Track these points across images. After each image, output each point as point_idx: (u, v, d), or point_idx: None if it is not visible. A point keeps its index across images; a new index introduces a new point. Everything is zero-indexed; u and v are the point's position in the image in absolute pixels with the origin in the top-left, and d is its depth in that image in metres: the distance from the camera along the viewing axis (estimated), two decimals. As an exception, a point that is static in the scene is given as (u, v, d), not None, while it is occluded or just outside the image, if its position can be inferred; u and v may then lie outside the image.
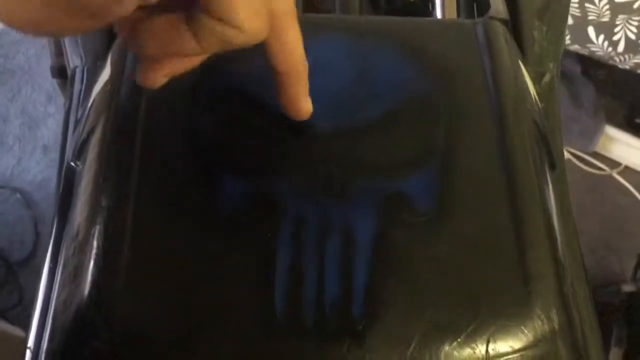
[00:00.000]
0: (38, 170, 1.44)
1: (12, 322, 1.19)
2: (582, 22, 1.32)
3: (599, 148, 1.50)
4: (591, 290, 0.52)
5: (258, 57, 0.42)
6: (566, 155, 1.51)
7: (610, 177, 1.48)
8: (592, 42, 1.34)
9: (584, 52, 1.38)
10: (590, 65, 1.49)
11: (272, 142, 0.39)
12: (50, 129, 1.48)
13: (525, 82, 0.45)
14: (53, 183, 1.44)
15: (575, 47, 1.39)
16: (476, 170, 0.39)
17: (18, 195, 1.41)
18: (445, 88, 0.41)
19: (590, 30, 1.32)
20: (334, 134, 0.39)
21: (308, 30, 0.44)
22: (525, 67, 0.47)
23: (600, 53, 1.35)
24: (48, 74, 1.53)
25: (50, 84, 1.53)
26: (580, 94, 1.49)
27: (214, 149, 0.38)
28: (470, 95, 0.41)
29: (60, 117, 1.49)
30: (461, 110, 0.41)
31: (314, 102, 0.40)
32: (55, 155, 1.44)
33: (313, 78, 0.41)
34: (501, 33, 0.44)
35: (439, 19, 0.53)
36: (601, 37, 1.31)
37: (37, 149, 1.46)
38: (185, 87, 0.40)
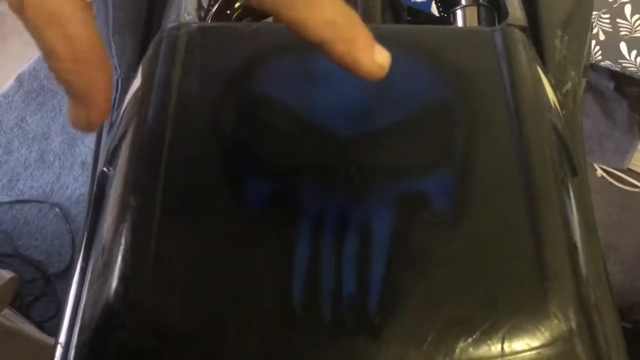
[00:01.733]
0: (76, 186, 1.48)
1: (49, 334, 1.22)
2: (614, 37, 1.31)
3: (633, 165, 1.47)
4: (617, 310, 0.51)
5: (285, 65, 0.44)
6: (600, 172, 1.49)
7: (646, 194, 1.46)
8: (624, 58, 1.33)
9: (617, 68, 1.37)
10: (624, 81, 1.47)
11: (294, 145, 0.40)
12: (88, 146, 1.53)
13: (544, 88, 0.45)
14: (90, 198, 1.47)
15: (607, 63, 1.38)
16: (494, 172, 0.39)
17: (57, 209, 1.45)
18: (464, 94, 0.42)
19: (622, 46, 1.31)
20: (354, 137, 0.40)
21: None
22: (545, 74, 0.48)
23: (633, 69, 1.33)
24: (87, 93, 1.59)
25: (89, 103, 1.59)
26: (614, 111, 1.48)
27: (239, 151, 0.40)
28: (488, 101, 0.42)
29: (97, 135, 1.54)
30: (479, 115, 0.41)
31: (335, 107, 0.41)
32: (92, 171, 1.48)
33: (336, 84, 0.43)
34: (519, 40, 0.45)
35: (457, 27, 0.54)
36: (634, 52, 1.30)
37: (76, 165, 1.51)
38: (213, 93, 0.42)
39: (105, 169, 0.47)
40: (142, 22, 0.56)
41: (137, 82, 0.46)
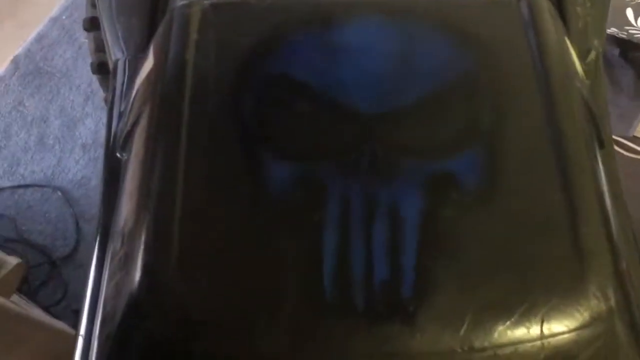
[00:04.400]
0: (77, 168, 1.47)
1: (57, 318, 1.22)
2: (620, 4, 1.28)
3: (639, 132, 1.46)
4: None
5: (302, 40, 0.42)
6: (606, 140, 1.47)
7: (652, 161, 1.45)
8: (630, 25, 1.31)
9: (623, 35, 1.35)
10: (629, 48, 1.45)
11: (317, 125, 0.39)
12: (88, 128, 1.51)
13: (572, 59, 0.44)
14: (92, 181, 1.46)
15: (613, 31, 1.35)
16: (525, 147, 0.38)
17: (59, 193, 1.44)
18: (491, 66, 0.41)
19: (629, 12, 1.29)
20: (379, 114, 0.39)
21: (348, 11, 0.43)
22: (571, 43, 0.46)
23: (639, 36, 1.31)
24: (85, 75, 1.57)
25: (87, 84, 1.56)
26: (619, 78, 1.46)
27: (259, 132, 0.39)
28: (517, 73, 0.40)
29: (97, 116, 1.51)
30: (508, 88, 0.40)
31: (358, 83, 0.40)
32: (93, 153, 1.46)
33: (356, 60, 0.41)
34: (546, 9, 0.43)
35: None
36: (640, 18, 1.28)
37: (76, 148, 1.49)
38: (229, 72, 0.40)
39: (118, 155, 0.45)
40: (148, 1, 0.54)
41: (148, 64, 0.45)
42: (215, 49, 0.41)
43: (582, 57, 0.52)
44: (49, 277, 1.36)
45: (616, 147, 1.50)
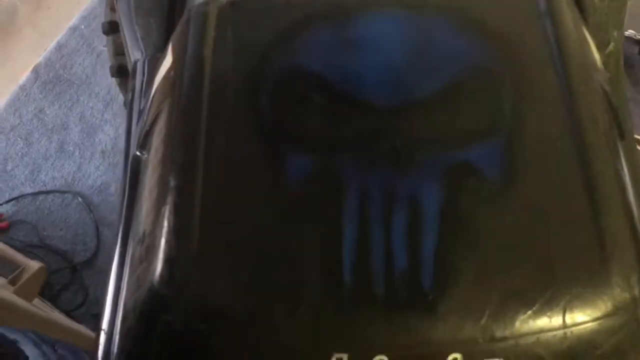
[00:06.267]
0: (97, 174, 1.48)
1: (78, 321, 1.23)
2: (637, 6, 1.27)
3: (662, 131, 1.44)
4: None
5: (319, 35, 0.42)
6: (626, 139, 1.46)
7: (675, 160, 1.42)
8: (649, 24, 1.29)
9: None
10: (649, 45, 1.43)
11: (337, 119, 0.39)
12: (108, 135, 1.53)
13: (590, 50, 0.43)
14: (112, 187, 1.47)
15: (630, 33, 1.34)
16: (544, 138, 0.38)
17: (79, 199, 1.45)
18: (508, 57, 0.41)
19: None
20: (398, 107, 0.39)
21: (365, 6, 0.44)
22: (589, 35, 0.46)
23: (659, 34, 1.30)
24: (104, 82, 1.58)
25: (106, 91, 1.58)
26: (639, 76, 1.44)
27: (278, 126, 0.39)
28: (534, 63, 0.40)
29: (116, 123, 1.53)
30: (526, 78, 0.40)
31: (377, 77, 0.40)
32: (112, 159, 1.48)
33: (373, 53, 0.41)
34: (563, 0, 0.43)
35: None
36: (659, 16, 1.26)
37: (96, 154, 1.51)
38: (247, 68, 0.41)
39: (138, 153, 0.46)
40: (166, 2, 0.55)
41: (166, 63, 0.45)
42: (232, 46, 0.42)
43: (601, 49, 0.52)
44: (69, 282, 1.37)
45: (638, 147, 1.48)
